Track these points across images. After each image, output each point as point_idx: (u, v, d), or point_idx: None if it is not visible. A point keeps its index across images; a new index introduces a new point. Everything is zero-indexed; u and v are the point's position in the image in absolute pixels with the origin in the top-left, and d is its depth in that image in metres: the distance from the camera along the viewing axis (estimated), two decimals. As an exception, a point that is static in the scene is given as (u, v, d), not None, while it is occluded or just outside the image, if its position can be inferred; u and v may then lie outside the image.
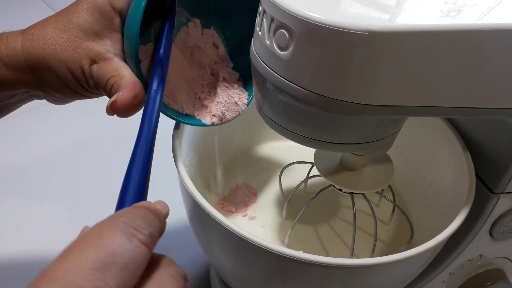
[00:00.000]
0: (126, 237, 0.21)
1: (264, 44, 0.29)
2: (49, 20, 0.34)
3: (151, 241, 0.22)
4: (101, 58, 0.33)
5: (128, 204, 0.26)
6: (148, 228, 0.22)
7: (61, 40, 0.33)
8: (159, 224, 0.23)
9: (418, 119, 0.45)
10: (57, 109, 0.38)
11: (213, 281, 0.51)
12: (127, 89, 0.32)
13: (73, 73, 0.34)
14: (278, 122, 0.32)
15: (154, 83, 0.32)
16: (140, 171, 0.27)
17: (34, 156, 0.67)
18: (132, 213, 0.22)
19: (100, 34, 0.34)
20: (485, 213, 0.38)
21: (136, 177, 0.27)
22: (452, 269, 0.43)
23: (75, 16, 0.33)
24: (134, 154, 0.28)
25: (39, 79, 0.34)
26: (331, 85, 0.27)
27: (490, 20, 0.26)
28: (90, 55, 0.33)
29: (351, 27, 0.24)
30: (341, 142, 0.32)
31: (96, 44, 0.33)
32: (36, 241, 0.55)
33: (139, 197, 0.26)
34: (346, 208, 0.47)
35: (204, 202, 0.33)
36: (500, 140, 0.36)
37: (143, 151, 0.28)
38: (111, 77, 0.33)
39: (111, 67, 0.33)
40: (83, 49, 0.33)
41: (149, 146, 0.29)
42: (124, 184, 0.27)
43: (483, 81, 0.27)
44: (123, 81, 0.32)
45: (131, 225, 0.21)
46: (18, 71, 0.34)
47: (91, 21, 0.33)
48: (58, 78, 0.34)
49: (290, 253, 0.30)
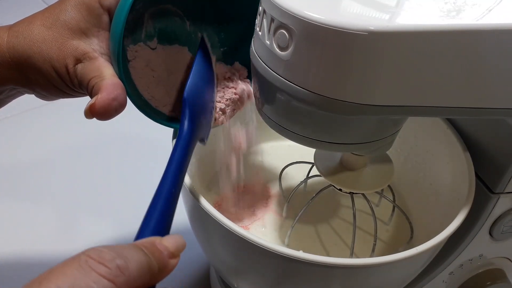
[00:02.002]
0: (83, 273, 0.19)
1: (264, 44, 0.29)
2: (36, 16, 0.33)
3: (120, 274, 0.20)
4: (86, 58, 0.33)
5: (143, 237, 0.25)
6: (118, 260, 0.20)
7: (47, 38, 0.32)
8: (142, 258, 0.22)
9: (418, 119, 0.45)
10: (56, 110, 0.38)
11: (213, 281, 0.51)
12: (106, 91, 0.31)
13: (58, 72, 0.33)
14: (278, 122, 0.32)
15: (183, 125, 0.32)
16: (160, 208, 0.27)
17: (32, 157, 0.67)
18: (105, 247, 0.21)
19: (87, 32, 0.33)
20: (485, 213, 0.38)
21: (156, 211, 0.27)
22: (452, 269, 0.43)
23: (62, 13, 0.33)
24: (156, 192, 0.28)
25: (24, 76, 0.34)
26: (331, 85, 0.27)
27: (490, 20, 0.26)
28: (75, 54, 0.32)
29: (351, 27, 0.24)
30: (341, 142, 0.32)
31: (82, 42, 0.33)
32: (32, 241, 0.55)
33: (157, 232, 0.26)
34: (346, 208, 0.47)
35: (204, 202, 0.33)
36: (500, 140, 0.36)
37: (166, 189, 0.28)
38: (93, 78, 0.32)
39: (93, 66, 0.32)
40: (68, 47, 0.32)
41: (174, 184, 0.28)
42: (143, 220, 0.26)
43: (483, 81, 0.27)
44: (103, 82, 0.31)
45: (95, 258, 0.20)
46: (4, 68, 0.33)
47: (78, 18, 0.33)
48: (43, 76, 0.33)
49: (290, 253, 0.30)
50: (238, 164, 0.43)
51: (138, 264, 0.21)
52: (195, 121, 0.33)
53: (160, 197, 0.27)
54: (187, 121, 0.33)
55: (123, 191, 0.60)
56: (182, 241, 0.25)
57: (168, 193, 0.28)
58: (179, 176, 0.30)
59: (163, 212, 0.27)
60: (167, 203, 0.27)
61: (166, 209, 0.27)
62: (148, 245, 0.23)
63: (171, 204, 0.28)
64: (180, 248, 0.25)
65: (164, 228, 0.27)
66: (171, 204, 0.28)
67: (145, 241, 0.24)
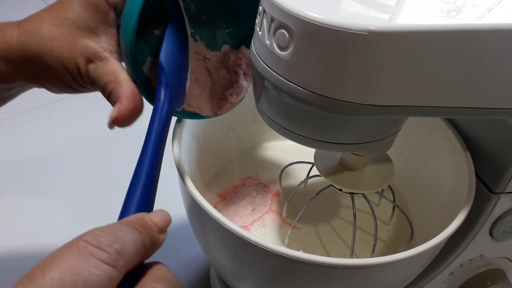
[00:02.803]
0: (83, 260, 0.20)
1: (264, 44, 0.29)
2: (44, 14, 0.34)
3: (120, 258, 0.21)
4: (96, 57, 0.33)
5: (129, 214, 0.25)
6: (116, 244, 0.21)
7: (57, 37, 0.33)
8: (138, 238, 0.22)
9: (418, 119, 0.45)
10: (60, 107, 0.38)
11: (213, 281, 0.51)
12: (126, 100, 0.31)
13: (69, 71, 0.33)
14: (277, 122, 0.32)
15: (161, 93, 0.32)
16: (143, 182, 0.26)
17: (38, 153, 0.68)
18: (100, 230, 0.21)
19: (95, 30, 0.33)
20: (485, 213, 0.38)
21: (138, 187, 0.26)
22: (452, 269, 0.43)
23: (70, 12, 0.33)
24: (138, 165, 0.27)
25: (35, 73, 0.34)
26: (331, 85, 0.27)
27: (490, 20, 0.26)
28: (85, 53, 0.33)
29: (351, 27, 0.24)
30: (341, 142, 0.32)
31: (92, 41, 0.33)
32: (37, 237, 0.56)
33: (142, 207, 0.25)
34: (346, 208, 0.47)
35: (204, 202, 0.33)
36: (500, 140, 0.36)
37: (147, 161, 0.27)
38: (108, 82, 0.32)
39: (107, 69, 0.33)
40: (78, 47, 0.33)
41: (155, 156, 0.28)
42: (127, 195, 0.26)
43: (483, 81, 0.27)
44: (121, 90, 0.32)
45: (93, 243, 0.20)
46: (15, 65, 0.34)
47: (86, 16, 0.33)
48: (54, 74, 0.34)
49: (290, 253, 0.30)
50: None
51: (134, 244, 0.22)
52: (172, 88, 0.32)
53: (142, 171, 0.27)
54: (164, 88, 0.32)
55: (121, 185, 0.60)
56: (168, 216, 0.25)
57: (150, 167, 0.27)
58: (160, 147, 0.29)
59: (147, 187, 0.26)
60: (150, 177, 0.27)
61: (149, 183, 0.26)
62: (139, 221, 0.23)
63: (154, 178, 0.27)
64: (167, 223, 0.25)
65: (149, 203, 0.26)
66: (154, 178, 0.27)
67: (135, 218, 0.24)
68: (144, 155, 0.28)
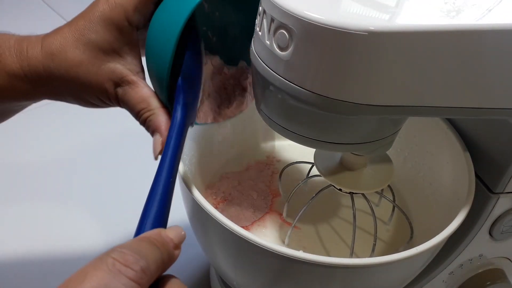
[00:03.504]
0: (113, 276, 0.21)
1: (264, 44, 0.29)
2: (67, 36, 0.33)
3: (144, 275, 0.22)
4: (124, 81, 0.33)
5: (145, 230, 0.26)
6: (141, 262, 0.22)
7: (83, 62, 0.33)
8: (158, 255, 0.24)
9: (418, 119, 0.45)
10: (72, 108, 0.38)
11: (213, 281, 0.51)
12: (164, 133, 0.32)
13: (97, 95, 0.34)
14: (278, 122, 0.32)
15: (177, 112, 0.32)
16: (159, 197, 0.27)
17: (49, 156, 0.68)
18: (126, 248, 0.23)
19: (120, 52, 0.33)
20: (484, 213, 0.38)
21: (155, 202, 0.27)
22: (452, 269, 0.43)
23: (94, 34, 0.32)
24: (155, 181, 0.28)
25: (60, 93, 0.35)
26: (331, 85, 0.27)
27: (490, 20, 0.26)
28: (112, 77, 0.33)
29: (351, 27, 0.24)
30: (341, 142, 0.32)
31: (118, 64, 0.33)
32: (47, 241, 0.55)
33: (158, 223, 0.26)
34: (346, 207, 0.47)
35: (204, 202, 0.33)
36: (500, 140, 0.36)
37: (164, 178, 0.28)
38: (142, 110, 0.33)
39: (137, 95, 0.33)
40: (105, 71, 0.33)
41: (171, 173, 0.29)
42: (144, 209, 0.27)
43: (482, 81, 0.27)
44: (158, 120, 0.32)
45: (120, 261, 0.22)
46: (39, 86, 0.34)
47: (111, 40, 0.33)
48: (80, 96, 0.34)
49: (290, 253, 0.30)
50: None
51: (155, 261, 0.23)
52: (188, 107, 0.33)
53: (158, 187, 0.28)
54: (181, 107, 0.32)
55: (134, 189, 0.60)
56: (182, 231, 0.26)
57: (166, 183, 0.28)
58: (175, 164, 0.30)
59: (163, 203, 0.27)
60: (165, 193, 0.28)
61: (165, 199, 0.27)
62: (158, 237, 0.25)
63: (169, 194, 0.28)
64: (181, 239, 0.26)
65: (165, 218, 0.27)
66: (169, 193, 0.28)
67: (154, 234, 0.25)
68: (161, 171, 0.29)
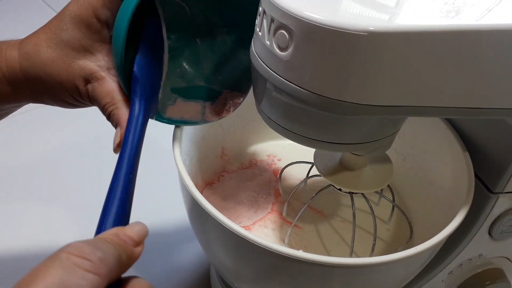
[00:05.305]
0: (68, 271, 0.20)
1: (264, 45, 0.29)
2: (40, 36, 0.34)
3: (103, 265, 0.21)
4: (93, 78, 0.33)
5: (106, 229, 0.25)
6: (98, 253, 0.21)
7: (55, 60, 0.33)
8: (116, 253, 0.22)
9: (418, 119, 0.45)
10: (55, 110, 0.38)
11: (213, 281, 0.51)
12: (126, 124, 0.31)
13: (70, 92, 0.34)
14: (277, 122, 0.32)
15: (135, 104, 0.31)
16: (119, 196, 0.26)
17: (32, 157, 0.67)
18: (80, 242, 0.21)
19: (90, 49, 0.34)
20: (484, 212, 0.38)
21: (114, 201, 0.26)
22: (451, 269, 0.43)
23: (64, 33, 0.33)
24: (113, 177, 0.27)
25: (38, 94, 0.36)
26: (331, 86, 0.27)
27: (490, 20, 0.26)
28: (82, 74, 0.33)
29: (351, 28, 0.25)
30: (341, 142, 0.32)
31: (88, 61, 0.34)
32: (34, 241, 0.55)
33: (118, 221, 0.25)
34: (346, 207, 0.47)
35: (204, 202, 0.33)
36: (500, 140, 0.36)
37: (123, 173, 0.27)
38: (106, 104, 0.33)
39: (104, 90, 0.33)
40: (75, 68, 0.33)
41: (130, 168, 0.28)
42: (103, 208, 0.26)
43: (482, 81, 0.27)
44: (120, 113, 0.32)
45: (75, 253, 0.20)
46: (19, 88, 0.35)
47: (79, 37, 0.33)
48: (56, 95, 0.35)
49: (290, 253, 0.30)
50: None
51: (113, 255, 0.22)
52: (146, 97, 0.32)
53: (117, 184, 0.27)
54: (138, 99, 0.31)
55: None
56: (145, 228, 0.25)
57: (126, 180, 0.27)
58: (135, 159, 0.28)
59: (122, 201, 0.26)
60: (125, 190, 0.27)
61: (125, 197, 0.26)
62: (114, 237, 0.24)
63: (129, 191, 0.27)
64: (143, 236, 0.25)
65: (125, 216, 0.26)
66: (130, 190, 0.27)
67: (109, 234, 0.24)
68: (120, 168, 0.28)
